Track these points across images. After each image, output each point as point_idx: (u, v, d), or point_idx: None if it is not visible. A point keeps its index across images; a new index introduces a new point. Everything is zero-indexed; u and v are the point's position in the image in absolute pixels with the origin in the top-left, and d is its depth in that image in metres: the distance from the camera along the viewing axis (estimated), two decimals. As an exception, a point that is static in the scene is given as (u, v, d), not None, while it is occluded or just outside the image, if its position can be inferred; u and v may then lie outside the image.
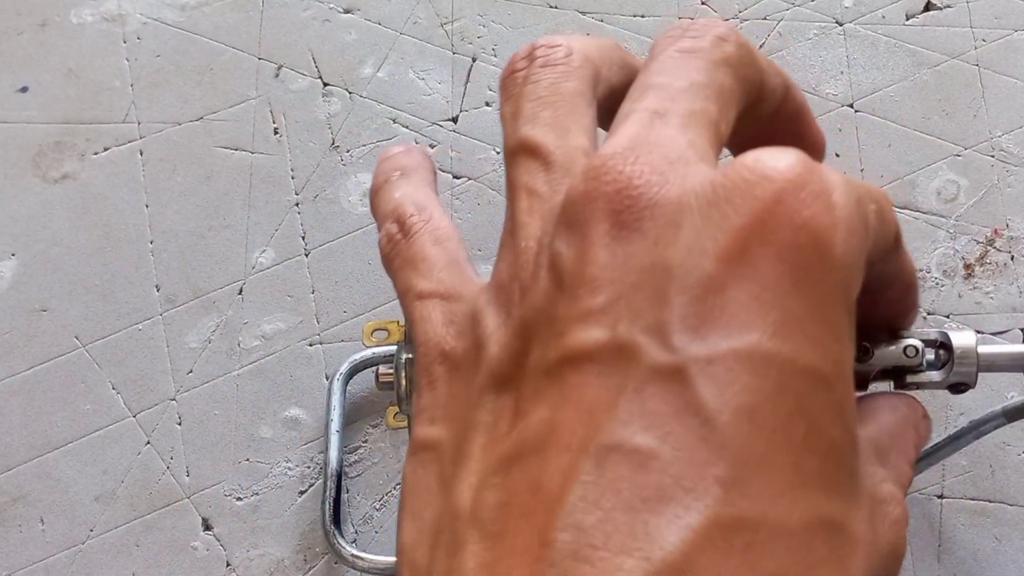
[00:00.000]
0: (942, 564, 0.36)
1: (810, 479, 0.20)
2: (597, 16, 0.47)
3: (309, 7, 0.48)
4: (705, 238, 0.21)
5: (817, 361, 0.20)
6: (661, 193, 0.21)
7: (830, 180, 0.21)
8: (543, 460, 0.20)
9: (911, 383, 0.30)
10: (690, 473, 0.19)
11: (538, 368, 0.21)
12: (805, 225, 0.20)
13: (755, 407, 0.19)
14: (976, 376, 0.30)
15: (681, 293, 0.20)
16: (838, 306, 0.21)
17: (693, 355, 0.20)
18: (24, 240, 0.44)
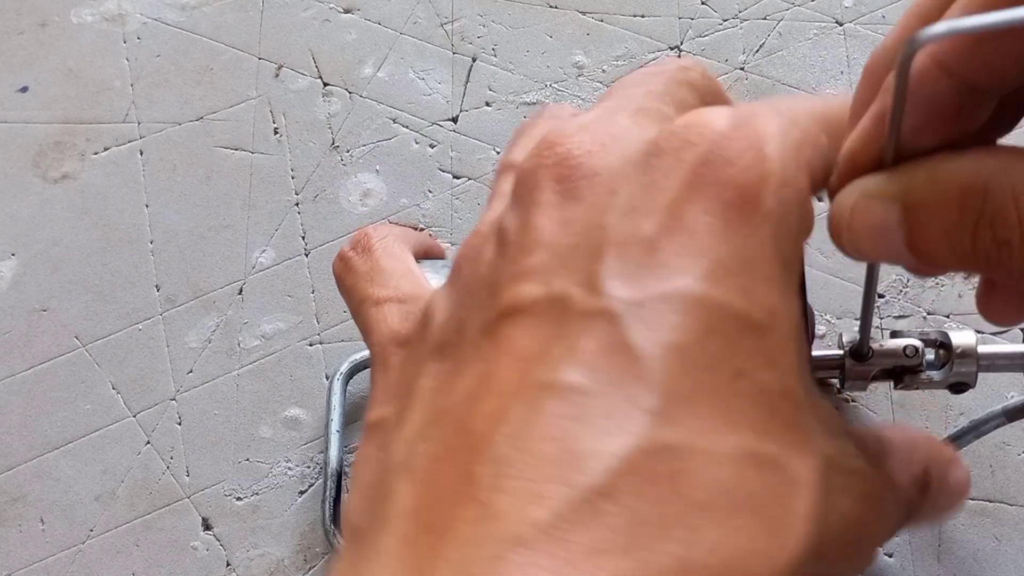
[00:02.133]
0: (942, 564, 0.36)
1: (740, 419, 0.20)
2: (597, 16, 0.47)
3: (309, 7, 0.48)
4: (640, 198, 0.21)
5: (748, 308, 0.20)
6: (601, 162, 0.22)
7: (763, 132, 0.22)
8: (474, 407, 0.21)
9: (911, 383, 0.30)
10: (617, 404, 0.19)
11: (476, 329, 0.22)
12: (732, 180, 0.21)
13: (684, 346, 0.20)
14: (976, 376, 0.30)
15: (614, 247, 0.21)
16: (771, 258, 0.21)
17: (623, 298, 0.20)
18: (24, 240, 0.44)
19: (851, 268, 0.41)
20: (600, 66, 0.45)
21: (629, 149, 0.22)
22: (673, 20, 0.46)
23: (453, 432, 0.21)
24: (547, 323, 0.21)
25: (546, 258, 0.22)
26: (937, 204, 0.23)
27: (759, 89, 0.44)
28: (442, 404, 0.22)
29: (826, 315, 0.40)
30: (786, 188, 0.22)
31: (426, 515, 0.20)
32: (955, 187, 0.23)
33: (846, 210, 0.24)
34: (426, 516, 0.20)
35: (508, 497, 0.19)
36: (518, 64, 0.46)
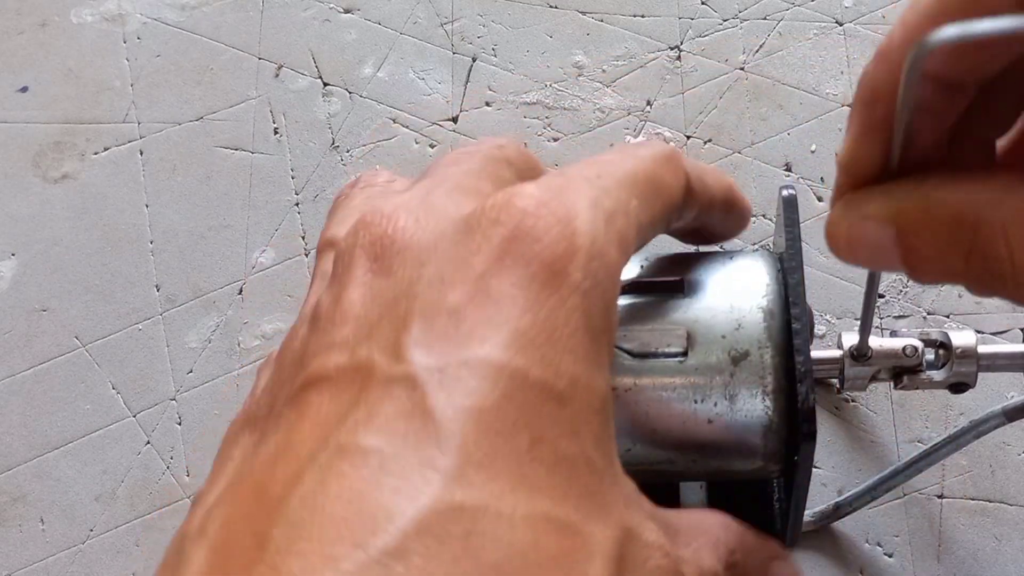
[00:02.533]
0: (942, 564, 0.36)
1: (536, 484, 0.20)
2: (597, 16, 0.47)
3: (309, 7, 0.48)
4: (450, 270, 0.22)
5: (549, 377, 0.21)
6: (413, 238, 0.23)
7: (572, 207, 0.22)
8: (273, 471, 0.21)
9: (911, 383, 0.30)
10: (413, 466, 0.19)
11: (283, 400, 0.23)
12: (538, 255, 0.22)
13: (482, 410, 0.20)
14: (976, 376, 0.30)
15: (420, 317, 0.21)
16: (578, 329, 0.22)
17: (425, 365, 0.21)
18: (24, 240, 0.44)
19: (851, 268, 0.41)
20: (600, 66, 0.45)
21: (442, 225, 0.23)
22: (673, 20, 0.46)
23: (250, 496, 0.21)
24: (349, 390, 0.21)
25: (354, 329, 0.22)
26: (929, 232, 0.23)
27: (759, 89, 0.44)
28: (243, 470, 0.22)
29: (826, 315, 0.40)
30: (594, 261, 0.22)
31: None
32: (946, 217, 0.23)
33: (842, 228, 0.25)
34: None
35: (299, 560, 0.19)
36: (518, 64, 0.46)
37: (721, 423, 0.28)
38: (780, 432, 0.29)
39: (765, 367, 0.28)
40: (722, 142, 0.43)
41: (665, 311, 0.29)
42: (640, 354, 0.28)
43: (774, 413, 0.28)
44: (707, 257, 0.31)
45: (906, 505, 0.37)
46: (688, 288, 0.29)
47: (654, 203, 0.26)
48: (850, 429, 0.38)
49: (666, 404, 0.28)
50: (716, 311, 0.29)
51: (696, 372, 0.28)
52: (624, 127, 0.44)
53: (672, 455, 0.29)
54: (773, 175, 0.43)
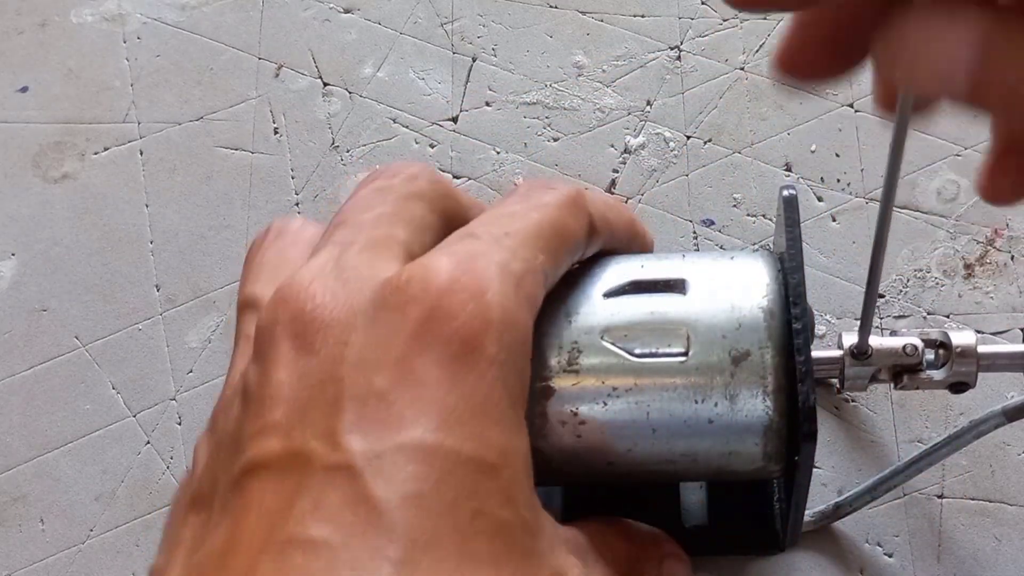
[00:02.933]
0: (942, 564, 0.36)
1: (479, 556, 0.21)
2: (597, 16, 0.47)
3: (309, 7, 0.48)
4: (372, 351, 0.23)
5: (481, 451, 0.22)
6: (331, 314, 0.23)
7: (483, 280, 0.23)
8: (226, 562, 0.21)
9: (911, 383, 0.30)
10: (362, 556, 0.20)
11: (225, 484, 0.23)
12: (456, 333, 0.22)
13: (422, 494, 0.21)
14: (976, 376, 0.30)
15: (351, 401, 0.22)
16: (499, 399, 0.23)
17: (362, 452, 0.21)
18: (24, 240, 0.44)
19: (851, 268, 0.41)
20: (600, 66, 0.45)
21: (358, 298, 0.23)
22: (673, 20, 0.46)
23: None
24: (289, 478, 0.22)
25: (285, 412, 0.22)
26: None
27: (759, 89, 0.44)
28: (197, 559, 0.22)
29: (826, 315, 0.40)
30: (508, 331, 0.23)
31: None
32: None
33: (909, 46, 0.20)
34: None
35: None
36: (518, 64, 0.46)
37: (722, 423, 0.28)
38: (781, 432, 0.28)
39: (766, 367, 0.28)
40: (722, 142, 0.43)
41: (666, 310, 0.29)
42: (640, 354, 0.28)
43: (775, 413, 0.28)
44: (707, 256, 0.31)
45: (906, 505, 0.37)
46: (689, 288, 0.29)
47: (559, 251, 0.26)
48: (850, 429, 0.38)
49: (667, 404, 0.28)
50: (717, 311, 0.29)
51: (697, 372, 0.28)
52: (624, 127, 0.44)
53: (672, 455, 0.29)
54: (773, 175, 0.43)
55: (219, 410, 0.26)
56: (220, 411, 0.25)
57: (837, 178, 0.42)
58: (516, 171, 0.44)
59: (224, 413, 0.25)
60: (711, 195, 0.43)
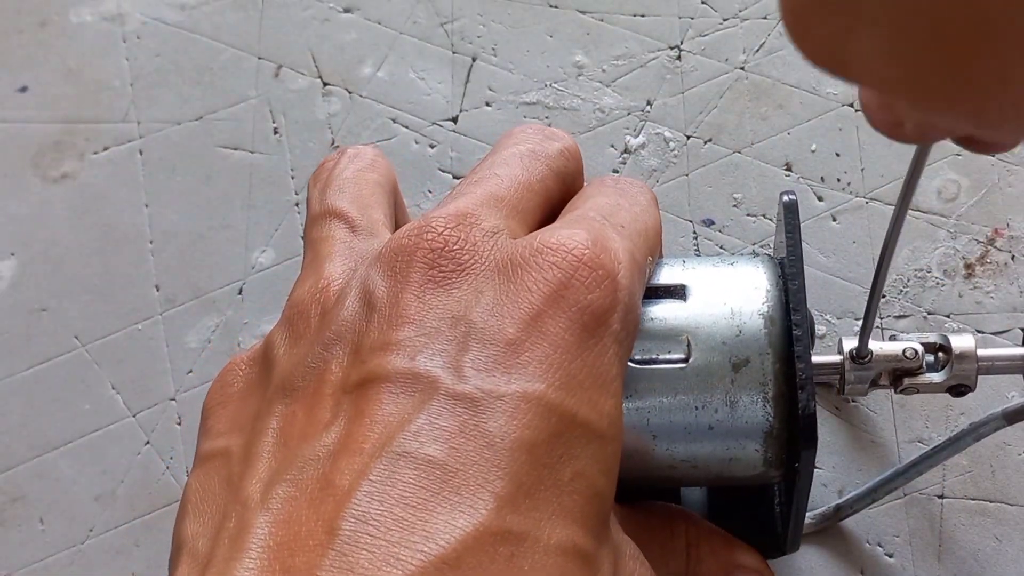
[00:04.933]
0: (942, 564, 0.36)
1: (571, 514, 0.22)
2: (597, 16, 0.47)
3: (309, 7, 0.48)
4: (505, 303, 0.24)
5: (594, 418, 0.23)
6: (471, 261, 0.25)
7: (617, 258, 0.25)
8: (336, 462, 0.22)
9: (911, 385, 0.30)
10: (470, 484, 0.21)
11: (337, 385, 0.24)
12: (590, 304, 0.24)
13: (534, 443, 0.22)
14: (976, 378, 0.30)
15: (479, 342, 0.23)
16: (615, 374, 0.24)
17: (486, 388, 0.22)
18: (24, 240, 0.44)
19: (851, 268, 0.41)
20: (600, 66, 0.45)
21: (500, 253, 0.25)
22: (673, 20, 0.46)
23: (314, 481, 0.22)
24: (412, 397, 0.23)
25: (413, 335, 0.24)
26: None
27: (759, 89, 0.44)
28: (299, 452, 0.23)
29: (826, 315, 0.40)
30: (630, 314, 0.25)
31: (286, 556, 0.21)
32: None
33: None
34: (286, 557, 0.21)
35: (366, 553, 0.20)
36: (518, 64, 0.46)
37: (722, 429, 0.28)
38: (781, 438, 0.28)
39: (766, 373, 0.28)
40: (722, 142, 0.43)
41: (666, 317, 0.29)
42: (641, 361, 0.28)
43: (775, 420, 0.28)
44: (708, 262, 0.31)
45: (907, 505, 0.37)
46: (689, 293, 0.29)
47: (656, 252, 0.28)
48: (851, 430, 0.38)
49: (667, 410, 0.28)
50: (717, 317, 0.29)
51: (697, 378, 0.28)
52: (624, 127, 0.44)
53: (673, 462, 0.29)
54: (773, 175, 0.43)
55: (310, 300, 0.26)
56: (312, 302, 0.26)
57: (837, 178, 0.42)
58: (516, 171, 0.44)
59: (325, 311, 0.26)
60: (711, 195, 0.43)
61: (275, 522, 0.22)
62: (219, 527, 0.23)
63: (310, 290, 0.26)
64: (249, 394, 0.26)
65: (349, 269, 0.27)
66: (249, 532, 0.22)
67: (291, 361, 0.25)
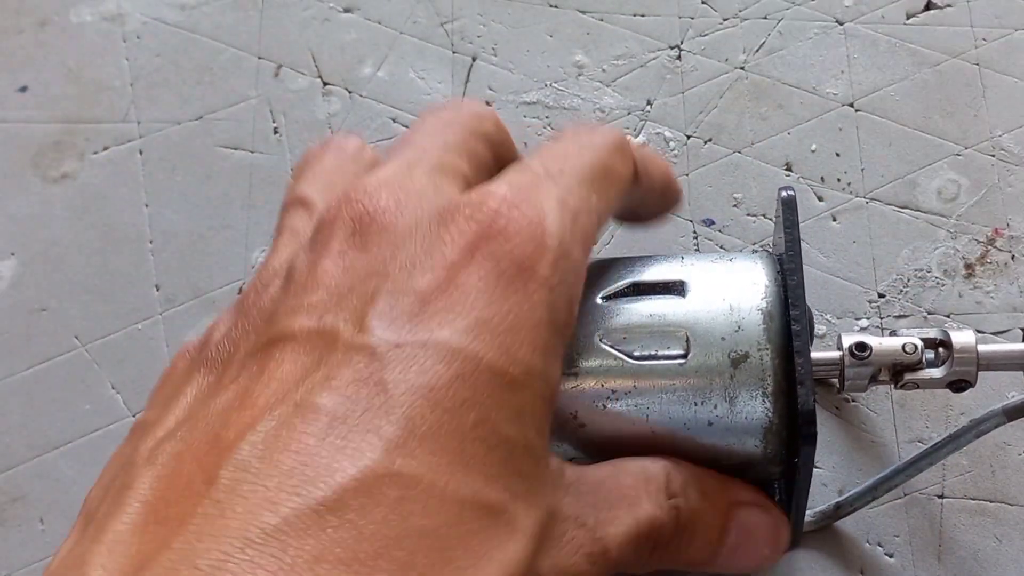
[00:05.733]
0: (942, 564, 0.36)
1: (473, 463, 0.22)
2: (597, 15, 0.47)
3: (309, 7, 0.48)
4: (422, 257, 0.24)
5: (503, 364, 0.22)
6: (393, 220, 0.24)
7: (541, 209, 0.24)
8: (227, 417, 0.22)
9: (911, 381, 0.30)
10: (359, 430, 0.21)
11: (246, 351, 0.24)
12: (509, 253, 0.23)
13: (432, 388, 0.22)
14: (976, 374, 0.30)
15: (388, 294, 0.23)
16: (540, 322, 0.23)
17: (385, 339, 0.22)
18: (24, 240, 0.44)
19: (851, 268, 0.41)
20: (600, 66, 0.45)
21: (421, 211, 0.25)
22: (673, 19, 0.46)
23: (203, 436, 0.22)
24: (312, 352, 0.23)
25: (324, 296, 0.24)
26: None
27: (759, 88, 0.44)
28: (197, 411, 0.23)
29: (826, 315, 0.40)
30: (562, 260, 0.24)
31: (163, 508, 0.21)
32: None
33: None
34: (162, 508, 0.21)
35: (243, 500, 0.20)
36: (518, 64, 0.46)
37: (721, 425, 0.28)
38: (780, 434, 0.28)
39: (765, 369, 0.28)
40: (722, 142, 0.43)
41: (664, 313, 0.29)
42: (640, 356, 0.28)
43: (774, 415, 0.28)
44: (706, 258, 0.31)
45: (907, 505, 0.37)
46: (688, 290, 0.29)
47: (609, 194, 0.27)
48: (851, 429, 0.38)
49: (666, 406, 0.28)
50: (716, 313, 0.29)
51: (696, 374, 0.28)
52: (624, 127, 0.44)
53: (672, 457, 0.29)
54: (773, 175, 0.43)
55: (251, 290, 0.26)
56: (252, 291, 0.26)
57: (837, 178, 0.42)
58: (516, 171, 0.44)
59: (257, 292, 0.26)
60: (711, 195, 0.42)
61: (158, 477, 0.22)
62: (110, 488, 0.23)
63: (256, 278, 0.27)
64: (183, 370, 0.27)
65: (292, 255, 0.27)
66: (132, 488, 0.22)
67: (219, 336, 0.26)
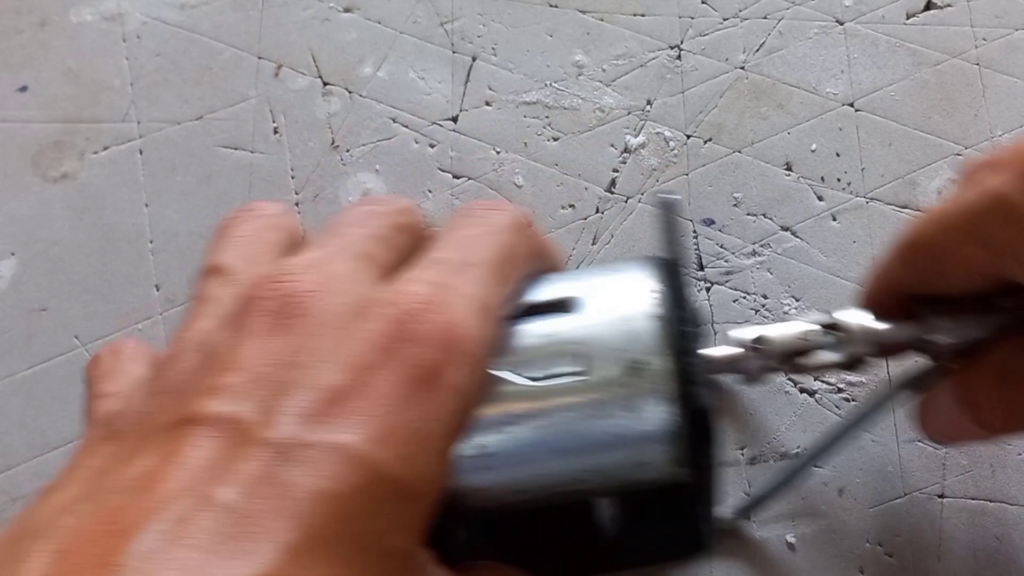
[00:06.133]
0: (943, 563, 0.36)
1: (362, 570, 0.22)
2: (597, 15, 0.47)
3: (309, 6, 0.48)
4: (338, 351, 0.24)
5: (406, 476, 0.23)
6: (314, 306, 0.24)
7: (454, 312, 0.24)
8: (131, 498, 0.22)
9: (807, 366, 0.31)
10: (260, 531, 0.21)
11: (156, 425, 0.24)
12: (420, 358, 0.24)
13: (334, 495, 0.22)
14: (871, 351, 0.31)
15: (303, 388, 0.23)
16: (443, 432, 0.24)
17: (294, 437, 0.22)
18: (24, 240, 0.44)
19: (851, 268, 0.41)
20: (600, 66, 0.45)
21: (341, 300, 0.25)
22: (673, 19, 0.46)
23: (106, 515, 0.22)
24: (221, 440, 0.22)
25: (239, 381, 0.23)
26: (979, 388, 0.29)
27: (759, 88, 0.44)
28: (102, 484, 0.23)
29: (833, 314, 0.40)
30: (472, 365, 0.24)
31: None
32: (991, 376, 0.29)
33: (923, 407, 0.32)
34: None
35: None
36: (518, 64, 0.46)
37: (628, 436, 0.28)
38: (685, 436, 0.28)
39: (663, 375, 0.28)
40: (722, 141, 0.43)
41: (558, 331, 0.29)
42: (538, 377, 0.28)
43: (678, 418, 0.28)
44: (595, 272, 0.31)
45: (907, 505, 0.37)
46: (579, 305, 0.29)
47: (513, 279, 0.28)
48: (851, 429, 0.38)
49: (570, 424, 0.28)
50: (608, 324, 0.29)
51: (596, 388, 0.28)
52: (624, 126, 0.44)
53: (582, 474, 0.29)
54: (773, 174, 0.43)
55: (165, 361, 0.26)
56: (166, 362, 0.26)
57: (837, 177, 0.42)
58: (516, 171, 0.44)
59: (172, 366, 0.26)
60: (711, 194, 0.42)
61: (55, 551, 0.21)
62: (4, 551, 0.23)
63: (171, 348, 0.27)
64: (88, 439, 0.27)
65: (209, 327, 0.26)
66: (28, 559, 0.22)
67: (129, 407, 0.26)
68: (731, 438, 0.38)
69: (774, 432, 0.38)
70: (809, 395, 0.39)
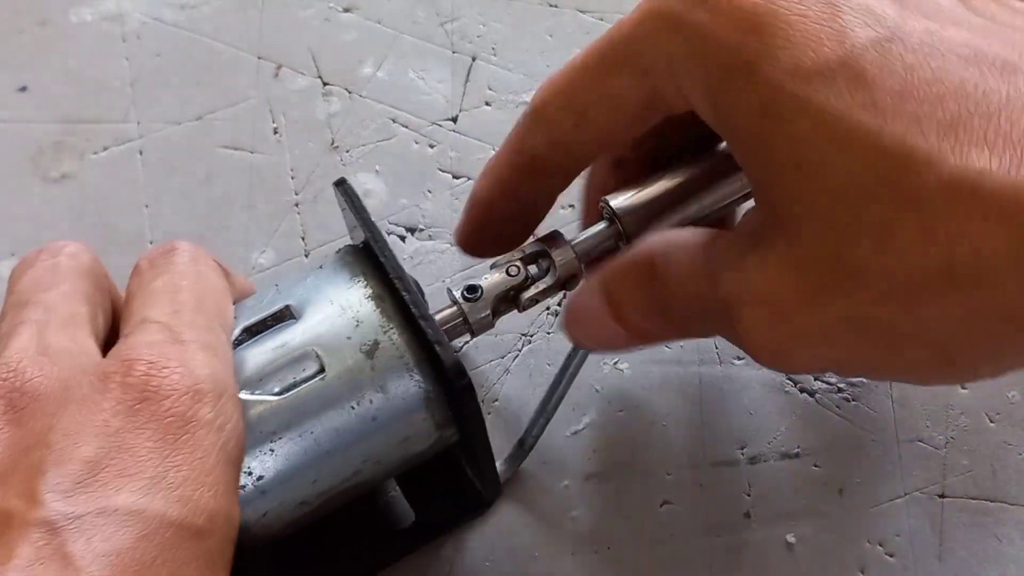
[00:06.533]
0: (943, 563, 0.36)
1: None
2: (597, 15, 0.47)
3: (309, 7, 0.48)
4: (82, 424, 0.24)
5: (187, 515, 0.23)
6: (41, 388, 0.25)
7: (185, 358, 0.25)
8: None
9: (530, 298, 0.31)
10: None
11: None
12: (170, 410, 0.24)
13: (118, 553, 0.22)
14: (580, 265, 0.31)
15: (55, 465, 0.23)
16: (215, 465, 0.24)
17: (62, 511, 0.22)
18: (24, 240, 0.43)
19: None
20: (600, 65, 0.45)
21: (70, 374, 0.25)
22: (673, 19, 0.46)
23: None
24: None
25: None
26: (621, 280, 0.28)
27: (759, 88, 0.44)
28: None
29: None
30: (222, 399, 0.25)
31: None
32: (632, 265, 0.28)
33: (569, 308, 0.30)
34: None
35: None
36: (518, 64, 0.46)
37: (385, 415, 0.29)
38: (440, 399, 0.29)
39: (398, 347, 0.29)
40: (722, 141, 0.43)
41: (286, 340, 0.29)
42: (282, 390, 0.29)
43: (426, 383, 0.29)
44: (299, 276, 0.31)
45: (907, 505, 0.37)
46: (296, 311, 0.30)
47: (221, 308, 0.29)
48: (850, 428, 0.38)
49: (329, 424, 0.29)
50: (331, 319, 0.29)
51: (341, 381, 0.29)
52: (624, 127, 0.44)
53: (356, 466, 0.30)
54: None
55: None
56: None
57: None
58: (516, 171, 0.44)
59: None
60: (711, 195, 0.42)
61: None
62: None
63: None
64: None
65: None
66: None
67: None
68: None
69: (774, 432, 0.38)
70: (809, 395, 0.39)
